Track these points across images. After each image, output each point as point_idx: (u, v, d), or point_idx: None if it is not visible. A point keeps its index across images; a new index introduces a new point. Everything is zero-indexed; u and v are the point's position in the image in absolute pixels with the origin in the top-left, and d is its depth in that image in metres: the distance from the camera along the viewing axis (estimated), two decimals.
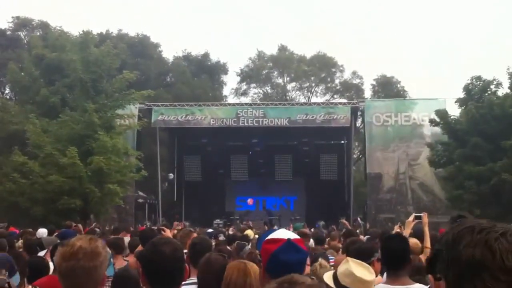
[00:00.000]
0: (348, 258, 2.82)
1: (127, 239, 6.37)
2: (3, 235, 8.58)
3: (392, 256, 3.06)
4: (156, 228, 6.45)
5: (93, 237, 2.02)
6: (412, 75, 53.49)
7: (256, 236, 7.34)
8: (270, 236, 2.00)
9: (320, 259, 3.79)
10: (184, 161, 26.89)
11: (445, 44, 59.59)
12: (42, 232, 8.39)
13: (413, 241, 4.57)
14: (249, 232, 9.50)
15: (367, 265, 2.75)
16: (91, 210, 17.97)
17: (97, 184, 16.83)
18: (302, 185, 28.04)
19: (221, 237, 7.35)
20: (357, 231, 8.08)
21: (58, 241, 5.00)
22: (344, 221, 10.58)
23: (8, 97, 30.58)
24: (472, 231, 0.96)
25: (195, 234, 6.08)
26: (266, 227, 16.30)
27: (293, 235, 2.02)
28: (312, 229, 12.21)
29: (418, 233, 5.06)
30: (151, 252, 2.16)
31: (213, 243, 6.32)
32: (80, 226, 11.84)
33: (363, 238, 6.98)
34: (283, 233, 2.02)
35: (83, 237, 1.98)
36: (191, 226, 16.74)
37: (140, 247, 4.46)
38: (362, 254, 3.31)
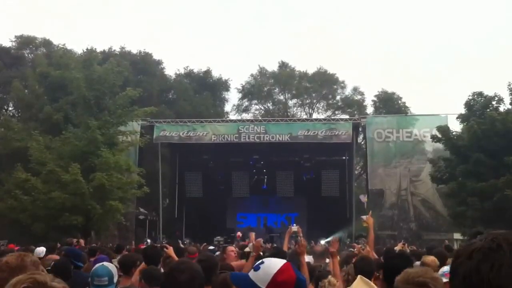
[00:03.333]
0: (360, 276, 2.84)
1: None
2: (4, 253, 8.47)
3: (395, 274, 3.05)
4: (159, 245, 6.39)
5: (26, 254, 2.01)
6: (414, 90, 53.84)
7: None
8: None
9: (329, 277, 3.92)
10: (185, 178, 26.84)
11: (447, 56, 60.03)
12: (40, 251, 7.74)
13: (430, 258, 4.66)
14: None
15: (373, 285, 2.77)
16: (92, 227, 17.90)
17: (98, 201, 16.82)
18: (303, 202, 27.89)
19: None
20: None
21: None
22: (355, 244, 10.43)
23: (11, 114, 30.75)
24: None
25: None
26: (267, 245, 16.16)
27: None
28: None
29: (438, 253, 5.17)
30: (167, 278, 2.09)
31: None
32: (82, 241, 11.80)
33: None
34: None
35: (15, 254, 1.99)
36: (191, 243, 16.64)
37: (143, 265, 4.38)
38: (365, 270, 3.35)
